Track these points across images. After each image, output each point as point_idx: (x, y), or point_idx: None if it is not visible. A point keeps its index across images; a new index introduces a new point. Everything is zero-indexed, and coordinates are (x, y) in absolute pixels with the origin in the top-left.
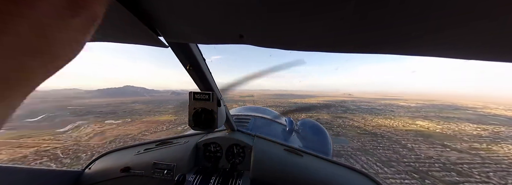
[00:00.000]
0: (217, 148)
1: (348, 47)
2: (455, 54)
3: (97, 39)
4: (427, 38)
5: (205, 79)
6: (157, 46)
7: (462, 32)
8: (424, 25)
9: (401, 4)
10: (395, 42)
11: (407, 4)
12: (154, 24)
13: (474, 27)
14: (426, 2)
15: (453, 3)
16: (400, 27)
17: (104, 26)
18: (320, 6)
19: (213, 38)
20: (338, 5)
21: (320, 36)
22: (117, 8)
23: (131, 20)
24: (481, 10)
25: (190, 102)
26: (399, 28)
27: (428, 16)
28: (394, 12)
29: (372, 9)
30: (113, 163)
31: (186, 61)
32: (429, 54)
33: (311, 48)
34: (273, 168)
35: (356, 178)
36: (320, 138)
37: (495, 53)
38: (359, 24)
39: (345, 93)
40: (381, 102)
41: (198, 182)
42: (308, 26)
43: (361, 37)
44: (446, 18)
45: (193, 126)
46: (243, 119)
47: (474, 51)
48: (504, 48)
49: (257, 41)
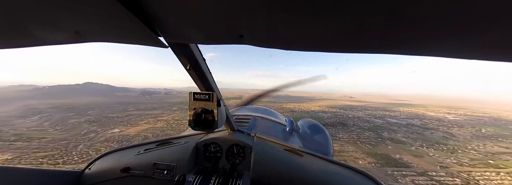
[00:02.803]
0: (217, 148)
1: (348, 47)
2: (455, 54)
3: (97, 40)
4: (427, 38)
5: (205, 79)
6: (157, 46)
7: (462, 32)
8: (424, 25)
9: (401, 5)
10: (395, 42)
11: (407, 5)
12: (154, 24)
13: (474, 27)
14: (426, 2)
15: (453, 3)
16: (400, 27)
17: (104, 26)
18: (320, 7)
19: (213, 38)
20: (338, 5)
21: (320, 36)
22: (117, 8)
23: (131, 20)
24: (481, 10)
25: (190, 102)
26: (399, 28)
27: (428, 16)
28: (394, 13)
29: (372, 10)
30: (113, 163)
31: (186, 61)
32: (429, 54)
33: (311, 48)
34: (273, 168)
35: (356, 178)
36: (320, 138)
37: (495, 53)
38: (359, 24)
39: (345, 95)
40: (399, 109)
41: (198, 182)
42: (308, 26)
43: (361, 37)
44: (446, 18)
45: (193, 126)
46: (243, 119)
47: (474, 51)
48: (504, 48)
49: (257, 41)
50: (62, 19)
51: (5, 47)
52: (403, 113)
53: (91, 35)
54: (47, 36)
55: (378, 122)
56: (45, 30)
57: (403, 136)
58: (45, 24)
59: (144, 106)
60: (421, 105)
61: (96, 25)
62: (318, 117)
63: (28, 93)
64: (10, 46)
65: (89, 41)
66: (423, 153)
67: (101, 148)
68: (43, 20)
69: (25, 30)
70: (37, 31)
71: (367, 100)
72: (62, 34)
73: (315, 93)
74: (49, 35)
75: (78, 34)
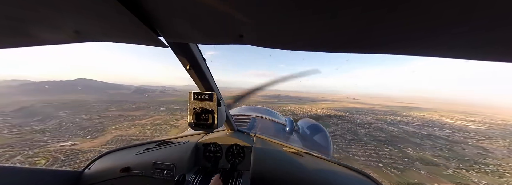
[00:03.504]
0: (217, 148)
1: (348, 47)
2: (455, 54)
3: (97, 39)
4: (427, 38)
5: (205, 79)
6: (157, 46)
7: (462, 32)
8: (424, 25)
9: (401, 5)
10: (395, 42)
11: (407, 5)
12: (154, 24)
13: (474, 27)
14: (426, 3)
15: (453, 3)
16: (400, 27)
17: (104, 26)
18: (320, 7)
19: (213, 38)
20: (338, 5)
21: (320, 36)
22: (117, 8)
23: (131, 20)
24: (481, 10)
25: (190, 102)
26: (399, 28)
27: (428, 16)
28: (394, 12)
29: (372, 10)
30: (113, 163)
31: (186, 61)
32: (429, 54)
33: (311, 48)
34: (273, 168)
35: (356, 178)
36: (320, 138)
37: (495, 53)
38: (358, 24)
39: (348, 96)
40: (409, 113)
41: (198, 182)
42: (308, 26)
43: (361, 37)
44: (446, 18)
45: (193, 126)
46: (243, 119)
47: (474, 51)
48: (504, 48)
49: (257, 41)
50: (62, 19)
51: (5, 47)
52: (416, 119)
53: (91, 34)
54: (47, 36)
55: (393, 131)
56: (45, 30)
57: (432, 154)
58: (45, 24)
59: (128, 106)
60: (431, 109)
61: (96, 25)
62: (325, 123)
63: (13, 89)
64: (10, 46)
65: (89, 41)
66: (466, 178)
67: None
68: (43, 20)
69: (25, 30)
70: (37, 31)
71: (371, 102)
72: (62, 34)
73: (316, 94)
74: (49, 35)
75: (78, 33)
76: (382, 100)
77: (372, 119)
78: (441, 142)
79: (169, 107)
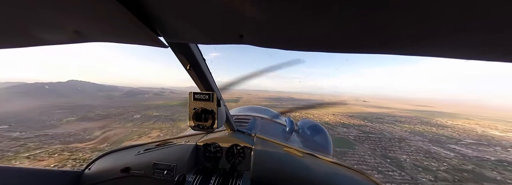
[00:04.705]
0: (217, 149)
1: (348, 47)
2: (455, 54)
3: (97, 39)
4: (427, 38)
5: (205, 79)
6: (157, 46)
7: (462, 32)
8: (424, 25)
9: (401, 5)
10: (395, 42)
11: (407, 5)
12: (154, 24)
13: (474, 27)
14: (426, 2)
15: (453, 3)
16: (400, 27)
17: (104, 26)
18: (320, 7)
19: (213, 38)
20: (338, 5)
21: (320, 36)
22: (117, 8)
23: (131, 20)
24: (481, 10)
25: (190, 102)
26: (399, 28)
27: (428, 16)
28: (394, 12)
29: (372, 10)
30: (113, 163)
31: (186, 61)
32: (429, 54)
33: (311, 48)
34: (273, 168)
35: (356, 178)
36: (320, 138)
37: (495, 53)
38: (359, 24)
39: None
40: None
41: (198, 182)
42: (308, 26)
43: (361, 37)
44: (446, 18)
45: (193, 127)
46: (243, 119)
47: (474, 51)
48: (504, 48)
49: (257, 41)
50: (62, 19)
51: (5, 47)
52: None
53: (91, 35)
54: (47, 36)
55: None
56: (45, 30)
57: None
58: (45, 24)
59: (97, 113)
60: (458, 114)
61: (96, 25)
62: (346, 140)
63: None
64: (10, 46)
65: (89, 41)
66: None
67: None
68: (43, 20)
69: (25, 30)
70: (37, 31)
71: (385, 105)
72: (62, 34)
73: (320, 95)
74: (49, 35)
75: (78, 34)
76: (395, 103)
77: (402, 131)
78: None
79: (146, 114)
